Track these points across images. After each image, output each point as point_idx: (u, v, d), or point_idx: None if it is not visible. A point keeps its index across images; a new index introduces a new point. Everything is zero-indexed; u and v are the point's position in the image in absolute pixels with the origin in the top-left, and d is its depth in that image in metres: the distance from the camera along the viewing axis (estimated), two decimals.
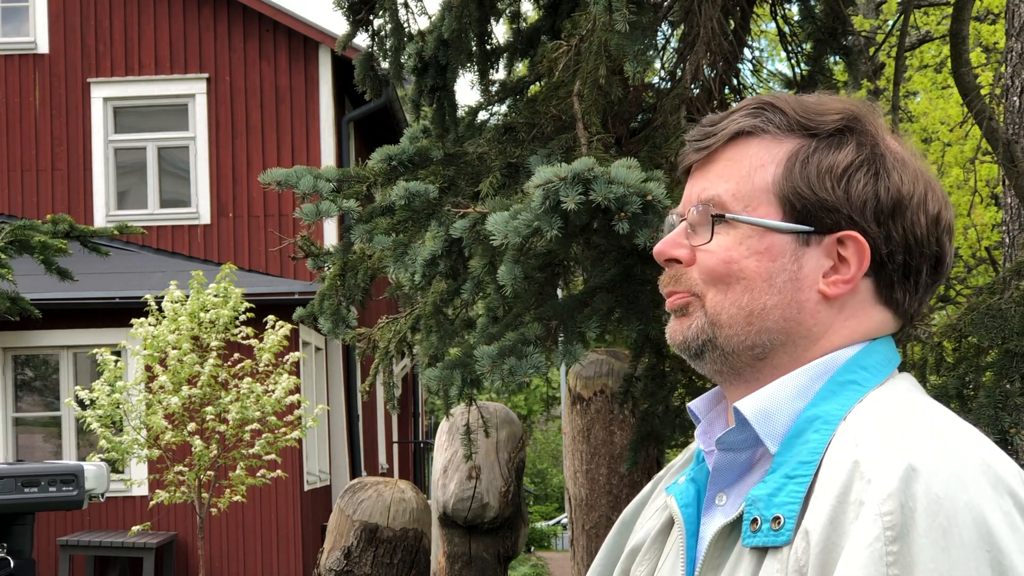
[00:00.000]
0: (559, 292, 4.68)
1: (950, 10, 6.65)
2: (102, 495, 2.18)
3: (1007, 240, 5.42)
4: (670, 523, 1.42)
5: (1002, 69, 7.01)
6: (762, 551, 1.26)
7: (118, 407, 10.89)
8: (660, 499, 1.48)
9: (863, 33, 12.04)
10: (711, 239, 1.35)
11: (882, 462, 1.21)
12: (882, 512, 1.18)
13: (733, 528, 1.31)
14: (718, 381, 1.40)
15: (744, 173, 1.35)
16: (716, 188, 1.36)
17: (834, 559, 1.20)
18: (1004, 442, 3.66)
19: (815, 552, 1.21)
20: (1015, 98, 5.22)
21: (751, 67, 5.30)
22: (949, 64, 5.85)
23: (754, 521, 1.27)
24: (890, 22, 12.58)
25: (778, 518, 1.25)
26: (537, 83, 4.95)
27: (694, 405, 1.45)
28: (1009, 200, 5.35)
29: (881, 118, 1.39)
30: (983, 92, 6.95)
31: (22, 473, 2.10)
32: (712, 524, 1.34)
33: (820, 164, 1.34)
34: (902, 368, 1.40)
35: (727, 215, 1.34)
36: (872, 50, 11.05)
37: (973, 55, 10.89)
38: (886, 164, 1.34)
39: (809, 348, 1.34)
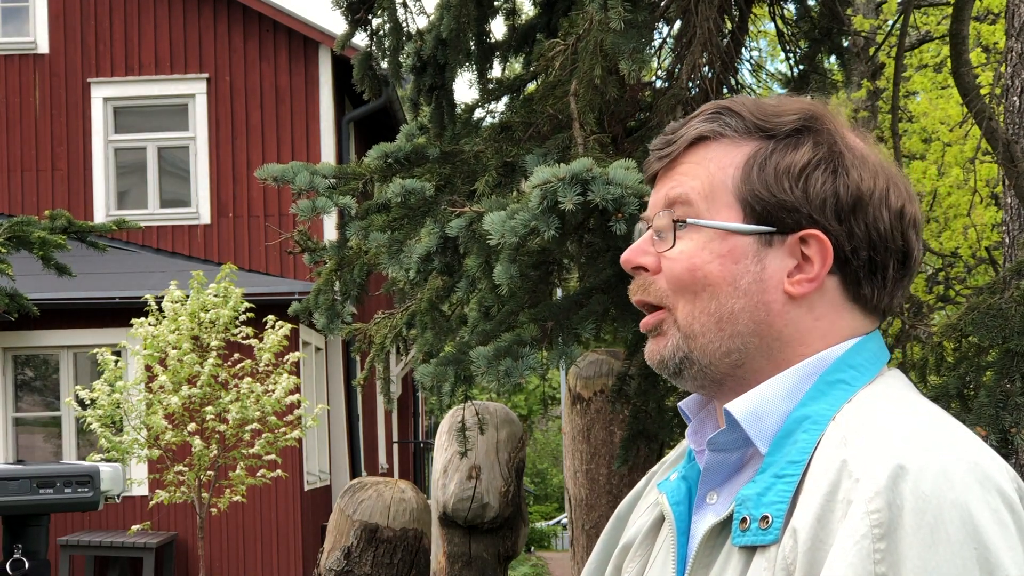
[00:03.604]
0: (557, 291, 4.68)
1: (950, 10, 6.65)
2: (118, 496, 2.18)
3: (1007, 240, 5.42)
4: (661, 519, 1.43)
5: (1002, 69, 7.00)
6: (751, 550, 1.27)
7: (118, 407, 10.89)
8: (652, 495, 1.49)
9: (863, 33, 12.04)
10: (674, 245, 1.36)
11: (870, 461, 1.21)
12: (870, 510, 1.18)
13: (723, 527, 1.31)
14: (703, 395, 1.41)
15: (705, 175, 1.37)
16: (682, 187, 1.37)
17: (821, 557, 1.20)
18: (1005, 442, 3.65)
19: (803, 550, 1.21)
20: (1015, 98, 5.22)
21: (750, 67, 5.30)
22: (949, 64, 5.85)
23: (743, 520, 1.28)
24: (890, 22, 12.58)
25: (767, 517, 1.26)
26: (534, 81, 4.95)
27: (684, 404, 1.45)
28: (1009, 200, 5.35)
29: (841, 117, 1.39)
30: (983, 92, 6.94)
31: (37, 474, 2.09)
32: (703, 522, 1.35)
33: (778, 165, 1.34)
34: (903, 369, 1.41)
35: (688, 219, 1.35)
36: (872, 50, 11.04)
37: (973, 55, 10.88)
38: (844, 162, 1.35)
39: (783, 350, 1.34)
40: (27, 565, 2.11)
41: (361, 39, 5.06)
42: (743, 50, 5.09)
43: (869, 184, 1.34)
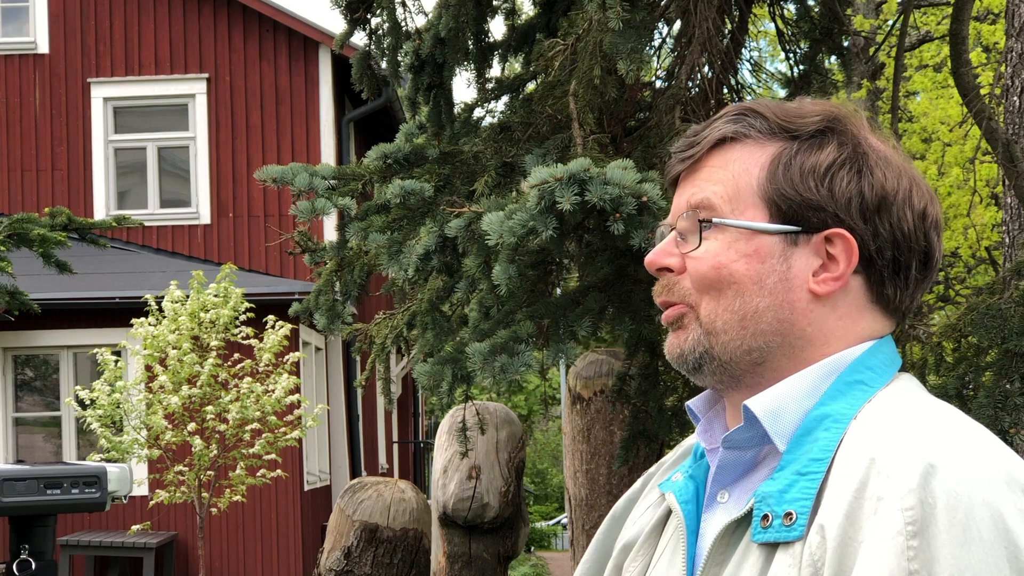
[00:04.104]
0: (556, 291, 4.68)
1: (950, 10, 6.64)
2: (124, 497, 2.17)
3: (1007, 240, 5.42)
4: (664, 519, 1.43)
5: (1002, 69, 7.00)
6: (772, 547, 1.27)
7: (118, 407, 10.89)
8: (652, 495, 1.49)
9: (863, 33, 12.03)
10: (700, 245, 1.36)
11: (900, 459, 1.22)
12: (903, 507, 1.18)
13: (739, 525, 1.31)
14: (719, 391, 1.41)
15: (729, 177, 1.37)
16: (704, 192, 1.37)
17: (851, 553, 1.20)
18: (1004, 442, 3.65)
19: (832, 546, 1.21)
20: (1015, 98, 5.22)
21: (750, 67, 5.30)
22: (949, 64, 5.84)
23: (765, 517, 1.27)
24: (890, 22, 12.57)
25: (790, 514, 1.26)
26: (534, 81, 4.96)
27: (693, 404, 1.45)
28: (1009, 200, 5.35)
29: (863, 119, 1.40)
30: (983, 92, 6.94)
31: (45, 475, 2.09)
32: (714, 520, 1.35)
33: (803, 165, 1.35)
34: (902, 368, 1.41)
35: (714, 219, 1.35)
36: (872, 50, 11.04)
37: (973, 55, 10.88)
38: (869, 162, 1.35)
39: (805, 349, 1.34)
40: (34, 566, 2.10)
41: (360, 38, 5.06)
42: (743, 50, 5.09)
43: (893, 184, 1.35)
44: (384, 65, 4.93)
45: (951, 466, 1.20)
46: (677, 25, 4.81)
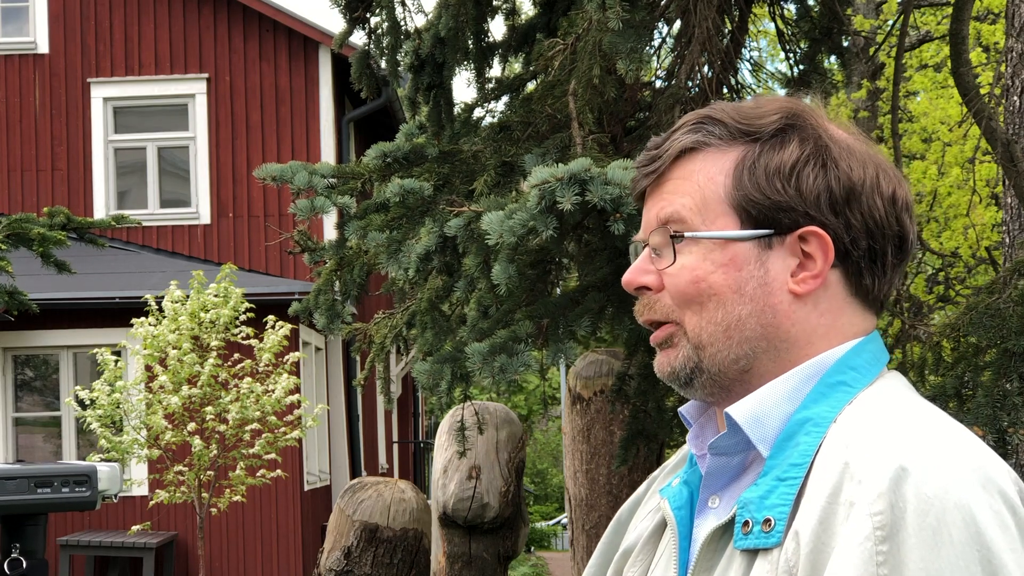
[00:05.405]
0: (555, 290, 4.69)
1: (950, 10, 6.65)
2: (115, 496, 2.18)
3: (1007, 240, 5.42)
4: (663, 525, 1.43)
5: (1002, 69, 7.01)
6: (753, 553, 1.27)
7: (118, 407, 10.90)
8: (654, 500, 1.49)
9: (863, 33, 12.03)
10: (675, 260, 1.35)
11: (872, 463, 1.21)
12: (872, 512, 1.18)
13: (725, 530, 1.31)
14: (709, 403, 1.41)
15: (696, 188, 1.36)
16: (672, 206, 1.36)
17: (824, 559, 1.20)
18: (1002, 441, 3.66)
19: (805, 552, 1.21)
20: (1015, 98, 5.22)
21: (750, 67, 5.30)
22: (949, 64, 5.84)
23: (745, 523, 1.27)
24: (890, 22, 12.57)
25: (769, 520, 1.25)
26: (533, 81, 4.96)
27: (685, 410, 1.45)
28: (1009, 200, 5.35)
29: (821, 110, 1.39)
30: (983, 92, 6.94)
31: (35, 474, 2.10)
32: (705, 526, 1.35)
33: (767, 167, 1.34)
34: (902, 369, 1.40)
35: (686, 233, 1.35)
36: (872, 50, 11.05)
37: (973, 55, 10.88)
38: (832, 154, 1.35)
39: (790, 351, 1.34)
40: (25, 564, 2.11)
41: (360, 38, 5.07)
42: (743, 50, 5.09)
43: (859, 173, 1.34)
44: (384, 65, 4.94)
45: (923, 469, 1.19)
46: (677, 25, 4.82)
